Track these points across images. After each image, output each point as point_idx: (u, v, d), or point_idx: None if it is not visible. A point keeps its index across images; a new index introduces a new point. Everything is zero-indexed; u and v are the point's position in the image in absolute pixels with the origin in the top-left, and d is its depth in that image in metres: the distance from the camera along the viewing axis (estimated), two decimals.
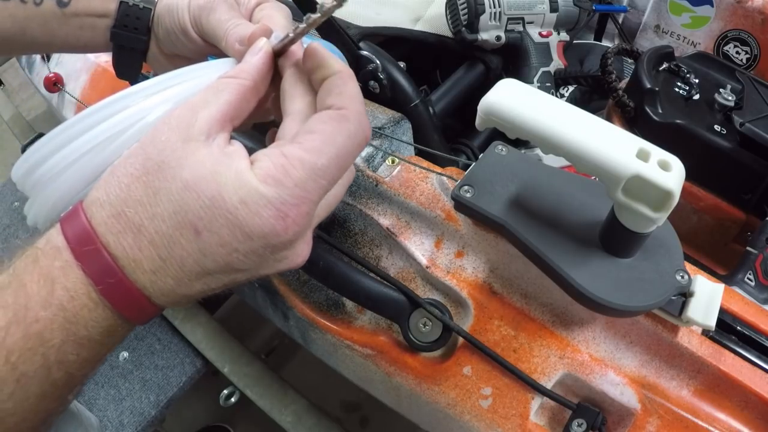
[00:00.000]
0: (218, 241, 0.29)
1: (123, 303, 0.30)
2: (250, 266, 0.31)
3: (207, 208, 0.29)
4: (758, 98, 0.67)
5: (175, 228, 0.29)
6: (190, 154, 0.30)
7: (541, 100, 0.39)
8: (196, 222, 0.29)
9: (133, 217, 0.29)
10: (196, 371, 0.94)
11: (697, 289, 0.42)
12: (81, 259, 0.29)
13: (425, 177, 0.53)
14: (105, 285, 0.29)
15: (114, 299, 0.30)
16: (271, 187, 0.29)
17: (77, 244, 0.29)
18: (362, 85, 0.63)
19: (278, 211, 0.29)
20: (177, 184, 0.29)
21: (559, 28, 0.80)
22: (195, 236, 0.29)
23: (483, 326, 0.48)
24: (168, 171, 0.29)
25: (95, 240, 0.29)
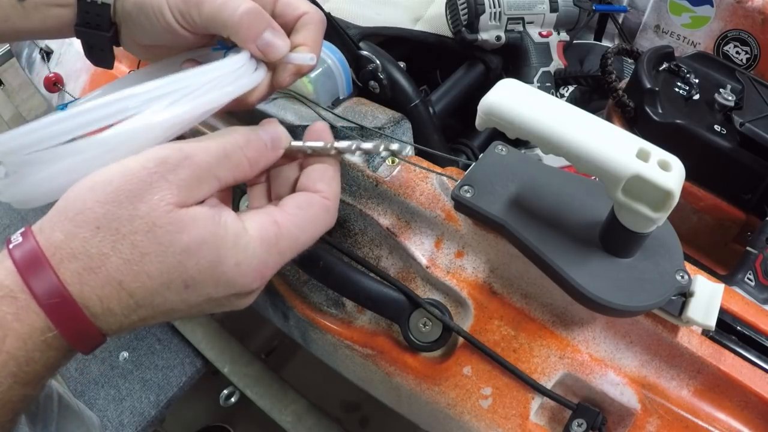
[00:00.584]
0: (202, 292, 0.31)
1: (83, 344, 0.30)
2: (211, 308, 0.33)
3: (204, 271, 0.31)
4: (758, 98, 0.67)
5: (163, 284, 0.30)
6: (187, 217, 0.30)
7: (541, 100, 0.39)
8: (188, 280, 0.30)
9: (114, 274, 0.29)
10: (196, 371, 0.95)
11: (697, 289, 0.42)
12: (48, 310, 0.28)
13: (425, 177, 0.53)
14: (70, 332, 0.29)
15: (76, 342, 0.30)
16: (262, 252, 0.32)
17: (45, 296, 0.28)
18: (362, 85, 0.63)
19: (260, 272, 0.33)
20: (175, 248, 0.30)
21: (559, 28, 0.80)
22: (183, 290, 0.31)
23: (483, 326, 0.48)
24: (163, 235, 0.30)
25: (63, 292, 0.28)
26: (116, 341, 0.99)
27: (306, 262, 0.52)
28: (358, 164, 0.54)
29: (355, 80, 0.63)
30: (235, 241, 0.31)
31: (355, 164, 0.54)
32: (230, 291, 0.32)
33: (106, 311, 0.29)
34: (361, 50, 0.62)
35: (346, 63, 0.61)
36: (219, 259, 0.31)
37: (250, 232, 0.32)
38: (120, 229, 0.29)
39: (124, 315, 0.30)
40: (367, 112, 0.57)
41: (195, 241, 0.30)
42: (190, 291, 0.31)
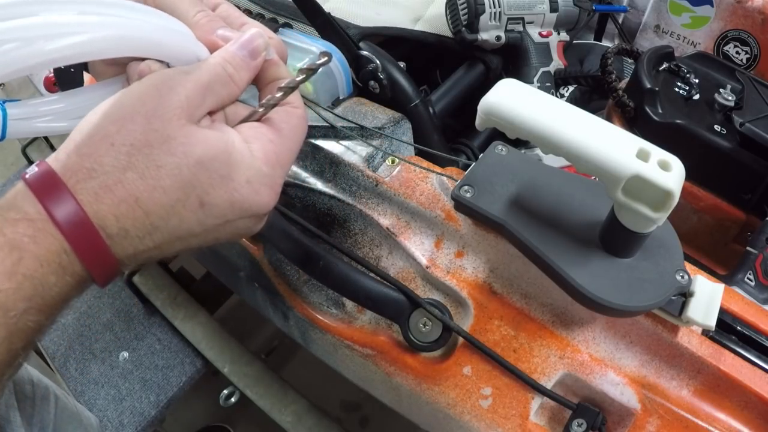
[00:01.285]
0: (217, 212, 0.32)
1: (97, 269, 0.30)
2: (228, 234, 0.34)
3: (217, 186, 0.31)
4: (758, 98, 0.67)
5: (179, 200, 0.30)
6: (198, 133, 0.31)
7: (541, 100, 0.39)
8: (203, 196, 0.31)
9: (130, 188, 0.29)
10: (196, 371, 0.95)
11: (697, 289, 0.42)
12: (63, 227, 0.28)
13: (425, 177, 0.53)
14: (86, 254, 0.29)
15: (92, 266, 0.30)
16: (269, 169, 0.34)
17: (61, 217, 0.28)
18: (362, 85, 0.63)
19: (272, 189, 0.34)
20: (189, 160, 0.30)
21: (559, 28, 0.80)
22: (199, 208, 0.31)
23: (483, 326, 0.48)
24: (176, 146, 0.30)
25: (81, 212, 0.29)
26: (116, 341, 0.99)
27: (306, 262, 0.52)
28: (358, 164, 0.54)
29: (355, 80, 0.63)
30: (242, 159, 0.32)
31: (355, 164, 0.54)
32: (247, 213, 0.33)
33: (121, 232, 0.30)
34: (361, 50, 0.62)
35: (346, 63, 0.61)
36: (230, 175, 0.32)
37: (254, 152, 0.34)
38: (134, 143, 0.30)
39: (139, 237, 0.30)
40: (367, 112, 0.58)
41: (207, 155, 0.31)
42: (206, 209, 0.31)
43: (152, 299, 0.98)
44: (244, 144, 0.33)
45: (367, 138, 0.55)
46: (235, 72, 0.34)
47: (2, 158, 1.81)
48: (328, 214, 0.57)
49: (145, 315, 1.01)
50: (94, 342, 0.98)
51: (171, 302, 0.97)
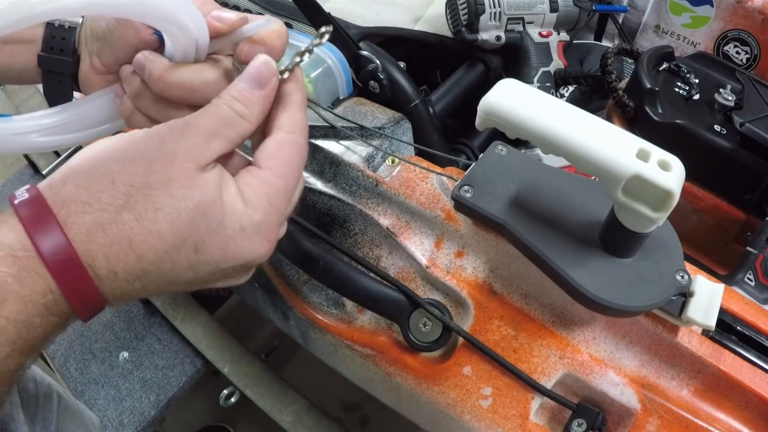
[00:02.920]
0: (210, 260, 0.31)
1: (84, 309, 0.29)
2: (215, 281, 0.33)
3: (213, 232, 0.30)
4: (758, 98, 0.67)
5: (174, 246, 0.29)
6: (198, 177, 0.30)
7: (541, 100, 0.39)
8: (198, 242, 0.30)
9: (124, 230, 0.28)
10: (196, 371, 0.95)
11: (697, 289, 0.42)
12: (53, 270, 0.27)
13: (425, 177, 0.53)
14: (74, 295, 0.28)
15: (79, 307, 0.29)
16: (261, 215, 0.32)
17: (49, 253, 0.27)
18: (362, 85, 0.63)
19: (265, 236, 0.32)
20: (188, 204, 0.29)
21: (559, 28, 0.80)
22: (193, 254, 0.30)
23: (483, 326, 0.48)
24: (176, 189, 0.29)
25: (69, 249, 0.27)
26: (116, 341, 0.99)
27: (306, 262, 0.52)
28: (358, 164, 0.54)
29: (355, 80, 0.63)
30: (233, 207, 0.31)
31: (355, 164, 0.54)
32: (240, 262, 0.32)
33: (111, 275, 0.28)
34: (361, 50, 0.62)
35: (346, 63, 0.61)
36: (224, 222, 0.31)
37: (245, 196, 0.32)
38: (134, 184, 0.29)
39: (128, 281, 0.29)
40: (367, 112, 0.58)
41: (205, 200, 0.30)
42: (200, 256, 0.30)
43: (152, 299, 0.98)
44: (235, 187, 0.32)
45: (367, 138, 0.55)
46: (244, 109, 0.33)
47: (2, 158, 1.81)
48: (328, 214, 0.57)
49: (145, 315, 1.01)
50: (94, 342, 0.98)
51: (171, 302, 0.97)
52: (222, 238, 0.31)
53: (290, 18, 0.67)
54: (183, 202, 0.29)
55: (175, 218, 0.29)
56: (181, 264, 0.30)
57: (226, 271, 0.32)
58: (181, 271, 0.30)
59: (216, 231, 0.30)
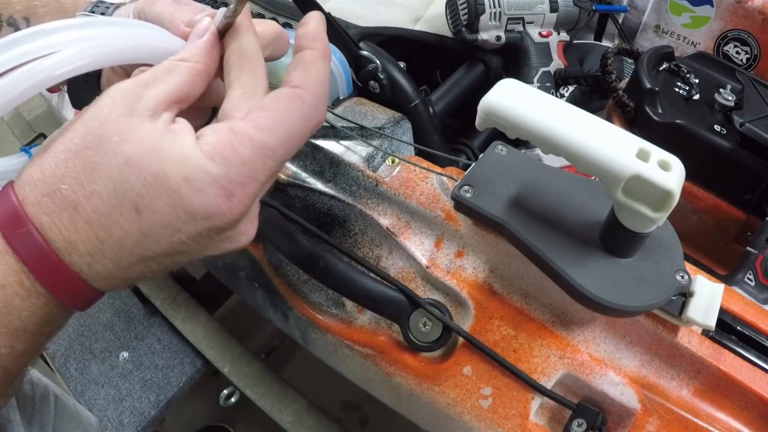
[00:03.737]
0: (160, 221, 0.28)
1: (59, 288, 0.28)
2: (194, 248, 0.30)
3: (149, 186, 0.27)
4: (758, 98, 0.67)
5: (114, 207, 0.27)
6: (134, 129, 0.28)
7: (541, 100, 0.39)
8: (137, 200, 0.27)
9: (69, 195, 0.27)
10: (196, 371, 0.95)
11: (697, 289, 0.42)
12: (12, 242, 0.27)
13: (425, 177, 0.53)
14: (39, 270, 0.27)
15: (49, 284, 0.28)
16: (217, 164, 0.28)
17: (7, 227, 0.27)
18: (362, 85, 0.63)
19: (224, 190, 0.28)
20: (118, 160, 0.27)
21: (559, 28, 0.80)
22: (136, 215, 0.28)
23: (483, 326, 0.48)
24: (109, 145, 0.27)
25: (26, 221, 0.27)
26: (116, 341, 0.99)
27: (306, 262, 0.52)
28: (358, 164, 0.54)
29: (355, 80, 0.63)
30: (180, 152, 0.28)
31: (355, 164, 0.54)
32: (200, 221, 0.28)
33: (68, 246, 0.28)
34: (361, 50, 0.62)
35: (346, 63, 0.61)
36: (163, 171, 0.27)
37: (201, 144, 0.29)
38: (72, 148, 0.28)
39: (90, 254, 0.28)
40: (367, 112, 0.58)
41: (136, 152, 0.27)
42: (145, 217, 0.28)
43: (152, 299, 0.98)
44: (189, 137, 0.29)
45: (367, 138, 0.55)
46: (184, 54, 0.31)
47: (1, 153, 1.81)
48: (328, 214, 0.57)
49: (145, 315, 1.01)
50: (94, 342, 0.98)
51: (171, 302, 0.97)
52: (163, 192, 0.27)
53: (290, 18, 0.67)
54: (114, 157, 0.27)
55: (108, 174, 0.27)
56: (131, 229, 0.28)
57: (195, 237, 0.29)
58: (137, 238, 0.28)
59: (153, 184, 0.27)
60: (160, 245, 0.29)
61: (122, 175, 0.27)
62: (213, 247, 0.31)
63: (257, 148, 0.29)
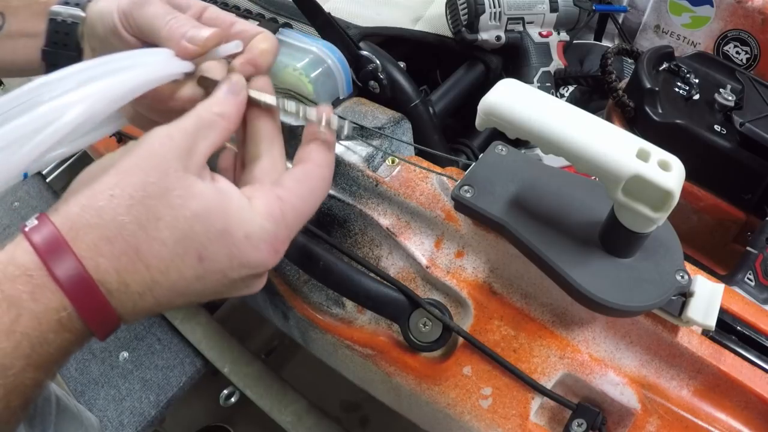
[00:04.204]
0: (216, 267, 0.31)
1: (97, 324, 0.30)
2: (229, 290, 0.33)
3: (215, 240, 0.31)
4: (758, 98, 0.67)
5: (178, 254, 0.30)
6: (194, 185, 0.31)
7: (541, 100, 0.39)
8: (201, 250, 0.31)
9: (130, 241, 0.29)
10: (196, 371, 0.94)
11: (697, 289, 0.42)
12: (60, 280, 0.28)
13: (425, 177, 0.53)
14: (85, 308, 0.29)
15: (90, 321, 0.29)
16: (271, 225, 0.33)
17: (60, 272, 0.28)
18: (362, 85, 0.63)
19: (273, 246, 0.33)
20: (185, 213, 0.30)
21: (559, 28, 0.80)
22: (198, 262, 0.31)
23: (483, 326, 0.48)
24: (174, 199, 0.30)
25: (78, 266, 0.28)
26: (116, 341, 0.99)
27: (306, 262, 0.52)
28: (358, 164, 0.54)
29: (355, 80, 0.63)
30: (240, 212, 0.32)
31: (355, 164, 0.54)
32: (246, 270, 0.32)
33: (122, 287, 0.29)
34: (361, 50, 0.62)
35: (346, 63, 0.61)
36: (228, 229, 0.31)
37: (255, 206, 0.33)
38: (134, 195, 0.30)
39: (139, 293, 0.30)
40: (367, 112, 0.58)
41: (203, 207, 0.31)
42: (205, 264, 0.31)
43: None
44: (245, 199, 0.33)
45: (367, 138, 0.55)
46: (222, 109, 0.34)
47: None
48: (328, 214, 0.57)
49: None
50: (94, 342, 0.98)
51: None
52: (225, 244, 0.31)
53: (290, 18, 0.67)
54: (181, 210, 0.30)
55: (175, 226, 0.30)
56: (188, 273, 0.31)
57: (234, 281, 0.33)
58: (190, 281, 0.31)
59: (218, 237, 0.31)
60: (207, 288, 0.32)
61: (190, 227, 0.30)
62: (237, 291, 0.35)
63: (298, 215, 0.35)
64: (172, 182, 0.30)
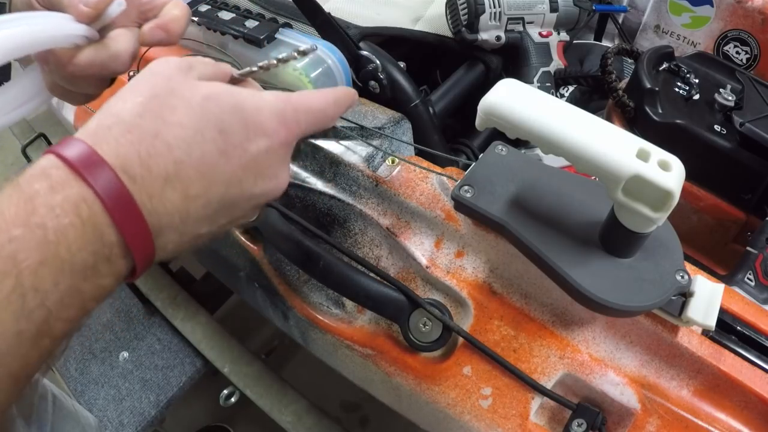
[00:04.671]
0: (236, 140, 0.33)
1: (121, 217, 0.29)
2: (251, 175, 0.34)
3: (229, 112, 0.33)
4: (758, 98, 0.67)
5: (197, 130, 0.31)
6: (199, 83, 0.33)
7: (541, 100, 0.39)
8: (218, 123, 0.32)
9: (149, 128, 0.30)
10: (196, 371, 0.94)
11: (697, 289, 0.42)
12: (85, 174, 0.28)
13: (425, 177, 0.53)
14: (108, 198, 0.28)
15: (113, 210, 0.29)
16: (280, 102, 0.35)
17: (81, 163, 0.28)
18: (362, 85, 0.63)
19: (283, 119, 0.35)
20: (197, 98, 0.32)
21: (559, 28, 0.80)
22: (218, 134, 0.32)
23: (483, 326, 0.48)
24: (184, 91, 0.32)
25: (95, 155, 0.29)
26: (116, 341, 0.99)
27: (306, 262, 0.52)
28: (358, 164, 0.54)
29: (355, 80, 0.63)
30: (248, 93, 0.34)
31: (355, 164, 0.54)
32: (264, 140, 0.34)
33: (145, 171, 0.29)
34: (361, 50, 0.62)
35: (346, 63, 0.61)
36: (239, 103, 0.33)
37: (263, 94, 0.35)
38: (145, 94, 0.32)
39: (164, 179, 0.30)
40: (367, 112, 0.58)
41: (213, 91, 0.33)
42: (225, 137, 0.32)
43: (152, 299, 0.98)
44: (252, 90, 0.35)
45: (367, 138, 0.55)
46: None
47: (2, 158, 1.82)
48: (328, 214, 0.57)
49: (145, 315, 1.01)
50: (94, 342, 0.98)
51: (171, 302, 0.97)
52: (241, 117, 0.33)
53: (290, 18, 0.67)
54: (192, 97, 0.32)
55: (190, 108, 0.32)
56: (211, 148, 0.32)
57: (255, 158, 0.34)
58: (214, 157, 0.32)
59: (232, 111, 0.33)
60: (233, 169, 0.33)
61: (204, 107, 0.32)
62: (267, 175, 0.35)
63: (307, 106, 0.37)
64: (179, 83, 0.33)
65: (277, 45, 0.61)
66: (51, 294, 0.27)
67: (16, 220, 0.26)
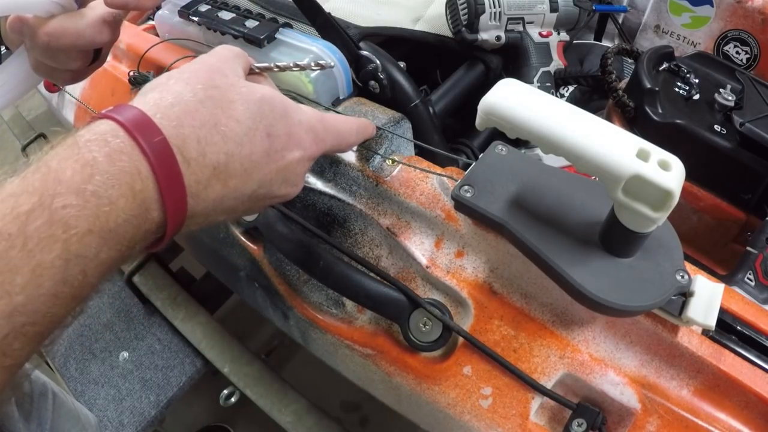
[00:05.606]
0: (279, 145, 0.36)
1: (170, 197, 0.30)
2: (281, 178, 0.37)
3: (279, 119, 0.36)
4: (758, 98, 0.67)
5: (250, 128, 0.34)
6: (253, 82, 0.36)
7: (541, 100, 0.39)
8: (268, 128, 0.35)
9: (210, 115, 0.32)
10: (196, 371, 0.95)
11: (697, 289, 0.42)
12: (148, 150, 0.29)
13: (425, 177, 0.53)
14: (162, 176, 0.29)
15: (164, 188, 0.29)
16: (315, 119, 0.39)
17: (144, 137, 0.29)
18: (362, 85, 0.63)
19: (315, 136, 0.39)
20: (254, 96, 0.34)
21: (559, 28, 0.80)
22: (266, 137, 0.35)
23: (483, 326, 0.48)
24: (241, 88, 0.34)
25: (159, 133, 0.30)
26: (116, 341, 0.99)
27: (306, 262, 0.52)
28: (358, 164, 0.54)
29: (355, 80, 0.63)
30: (295, 105, 0.37)
31: (355, 164, 0.54)
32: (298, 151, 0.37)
33: (200, 156, 0.31)
34: (361, 50, 0.62)
35: (346, 63, 0.61)
36: (288, 112, 0.36)
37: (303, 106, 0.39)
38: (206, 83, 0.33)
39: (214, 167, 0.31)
40: (367, 112, 0.58)
41: (268, 94, 0.35)
42: (271, 141, 0.35)
43: (152, 299, 0.98)
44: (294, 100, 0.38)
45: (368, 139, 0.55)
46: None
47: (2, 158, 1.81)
48: (328, 214, 0.57)
49: (145, 315, 1.01)
50: (94, 342, 0.98)
51: (171, 302, 0.97)
52: (287, 125, 0.36)
53: (290, 18, 0.67)
54: (250, 95, 0.34)
55: (246, 107, 0.34)
56: (259, 148, 0.34)
57: (289, 166, 0.37)
58: (260, 156, 0.34)
59: (282, 118, 0.36)
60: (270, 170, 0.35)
61: (259, 107, 0.34)
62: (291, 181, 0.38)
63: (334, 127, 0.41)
64: (235, 80, 0.35)
65: (277, 45, 0.61)
66: (91, 261, 0.28)
67: (72, 185, 0.27)
